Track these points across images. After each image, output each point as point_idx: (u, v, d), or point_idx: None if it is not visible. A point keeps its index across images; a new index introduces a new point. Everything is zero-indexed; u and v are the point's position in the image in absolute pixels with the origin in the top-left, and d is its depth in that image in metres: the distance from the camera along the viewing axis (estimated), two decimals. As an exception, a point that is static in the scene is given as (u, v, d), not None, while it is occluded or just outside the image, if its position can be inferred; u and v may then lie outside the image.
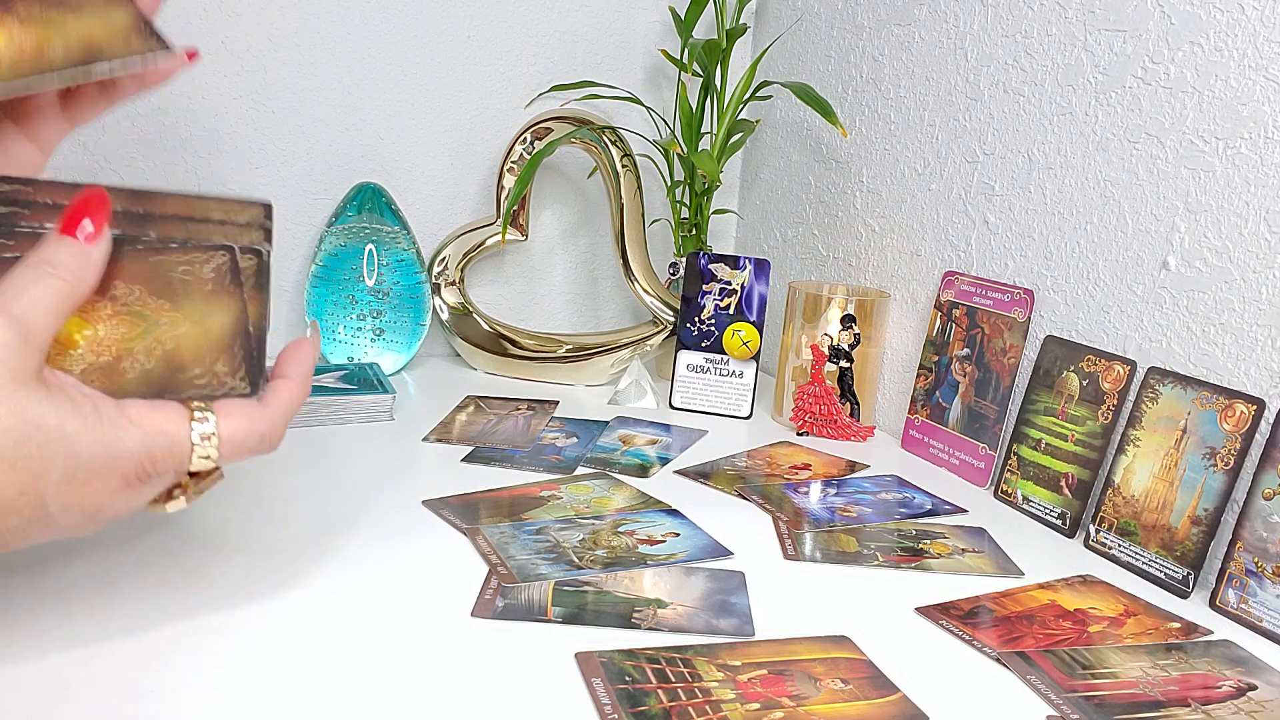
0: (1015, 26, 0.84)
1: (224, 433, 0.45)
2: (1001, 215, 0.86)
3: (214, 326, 0.46)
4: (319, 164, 1.09)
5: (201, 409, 0.45)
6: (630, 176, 1.09)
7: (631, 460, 0.85)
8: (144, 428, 0.43)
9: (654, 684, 0.50)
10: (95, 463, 0.41)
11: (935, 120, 0.93)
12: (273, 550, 0.63)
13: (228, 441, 0.45)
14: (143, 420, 0.43)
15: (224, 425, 0.45)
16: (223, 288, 0.47)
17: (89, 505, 0.42)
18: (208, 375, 0.46)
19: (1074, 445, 0.76)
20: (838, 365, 0.96)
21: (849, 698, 0.50)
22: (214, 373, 0.46)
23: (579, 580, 0.61)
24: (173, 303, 0.46)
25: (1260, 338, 0.65)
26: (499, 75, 1.14)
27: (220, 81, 1.03)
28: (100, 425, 0.41)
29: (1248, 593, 0.62)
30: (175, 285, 0.46)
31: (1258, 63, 0.65)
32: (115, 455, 0.42)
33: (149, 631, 0.52)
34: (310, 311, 1.06)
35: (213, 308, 0.46)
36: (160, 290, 0.46)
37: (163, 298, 0.46)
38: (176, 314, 0.46)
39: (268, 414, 0.47)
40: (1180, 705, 0.51)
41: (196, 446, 0.44)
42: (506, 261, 1.20)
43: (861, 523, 0.74)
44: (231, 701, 0.47)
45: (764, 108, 1.20)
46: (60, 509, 0.41)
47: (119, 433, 0.42)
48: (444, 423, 0.92)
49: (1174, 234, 0.71)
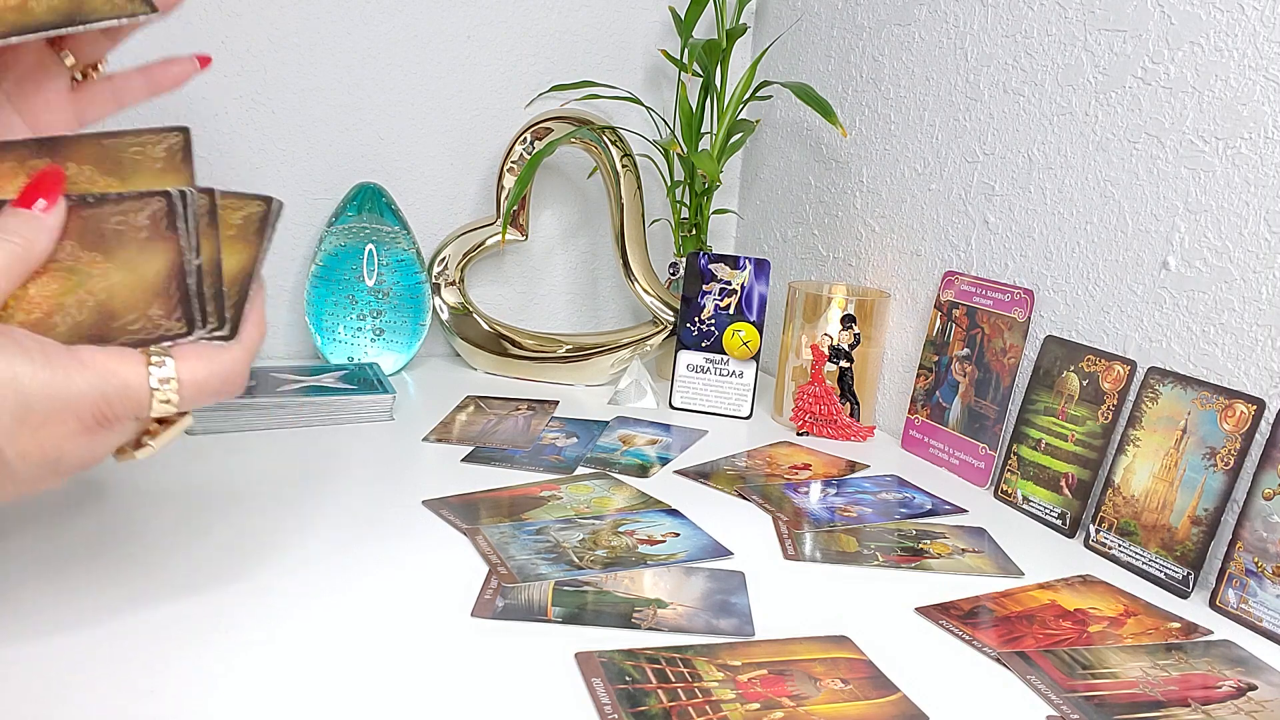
0: (1015, 26, 0.84)
1: (184, 376, 0.44)
2: (1001, 215, 0.86)
3: (148, 272, 0.45)
4: (319, 164, 1.09)
5: (159, 353, 0.44)
6: (630, 176, 1.09)
7: (631, 460, 0.85)
8: (96, 369, 0.42)
9: (654, 684, 0.50)
10: (46, 405, 0.41)
11: (935, 120, 0.93)
12: (273, 550, 0.63)
13: (189, 385, 0.44)
14: (94, 362, 0.42)
15: (183, 369, 0.44)
16: (158, 233, 0.46)
17: (48, 451, 0.42)
18: (141, 320, 0.45)
19: (1074, 445, 0.76)
20: (838, 365, 0.96)
21: (849, 698, 0.50)
22: (148, 317, 0.45)
23: (579, 580, 0.61)
24: (105, 254, 0.45)
25: (1260, 338, 0.65)
26: (499, 75, 1.14)
27: (220, 81, 1.03)
28: (49, 368, 0.41)
29: (1248, 593, 0.62)
30: (108, 236, 0.45)
31: (1258, 63, 0.65)
32: (67, 397, 0.41)
33: (149, 631, 0.52)
34: (310, 312, 1.06)
35: (147, 254, 0.46)
36: (93, 244, 0.45)
37: (95, 250, 0.45)
38: (109, 264, 0.45)
39: (228, 355, 0.46)
40: (1180, 705, 0.51)
41: (156, 391, 0.43)
42: (506, 261, 1.20)
43: (861, 523, 0.74)
44: (232, 701, 0.47)
45: (764, 108, 1.20)
46: (16, 455, 0.41)
47: (69, 374, 0.41)
48: (444, 423, 0.92)
49: (1174, 234, 0.71)
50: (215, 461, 0.78)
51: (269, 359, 1.10)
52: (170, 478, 0.74)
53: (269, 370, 0.96)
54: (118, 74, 0.55)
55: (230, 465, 0.77)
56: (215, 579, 0.58)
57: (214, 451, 0.80)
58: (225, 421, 0.85)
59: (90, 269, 0.45)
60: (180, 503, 0.69)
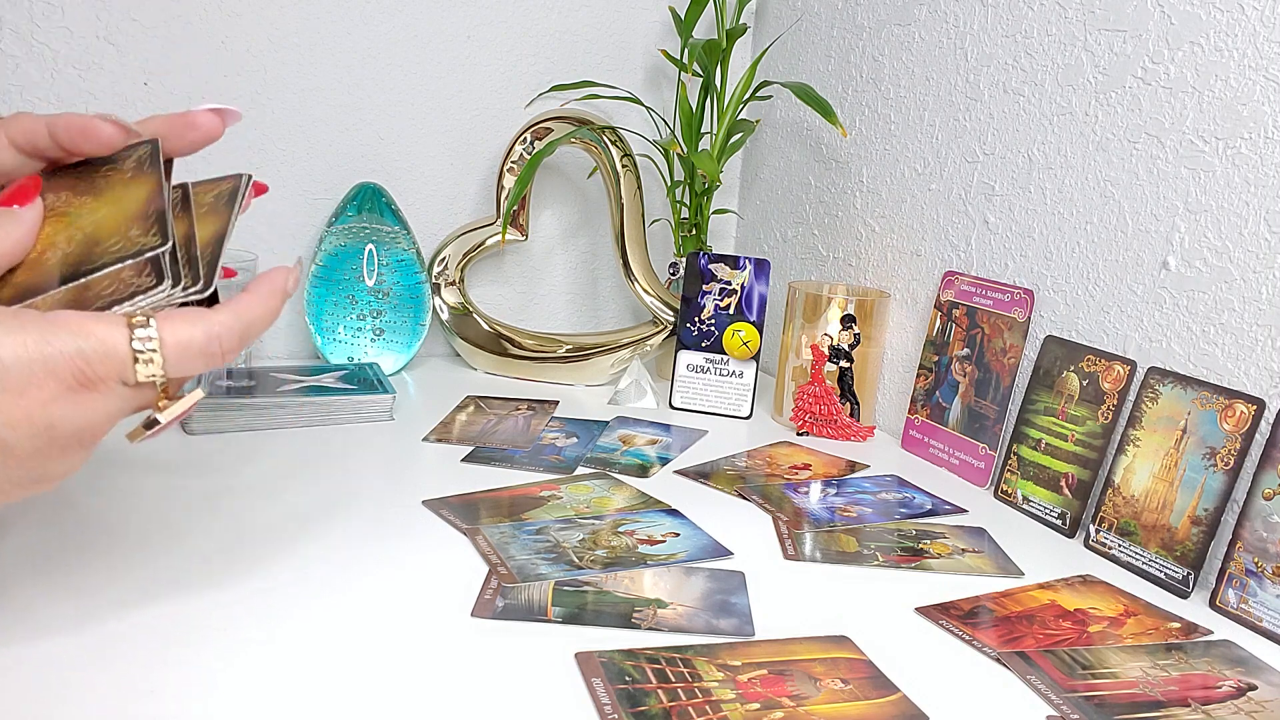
0: (1015, 26, 0.84)
1: (167, 338, 0.43)
2: (1001, 215, 0.86)
3: (131, 202, 0.47)
4: (319, 164, 1.09)
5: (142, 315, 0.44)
6: (630, 176, 1.09)
7: (631, 460, 0.85)
8: (71, 329, 0.42)
9: (654, 684, 0.50)
10: (23, 367, 0.40)
11: (935, 120, 0.93)
12: (273, 550, 0.63)
13: (172, 346, 0.44)
14: (70, 322, 0.42)
15: (166, 330, 0.44)
16: (141, 172, 0.48)
17: (36, 418, 0.41)
18: (122, 241, 0.46)
19: (1074, 445, 0.76)
20: (838, 365, 0.96)
21: (849, 698, 0.50)
22: (128, 237, 0.46)
23: (579, 580, 0.61)
24: (95, 196, 0.48)
25: (1260, 338, 0.65)
26: (499, 75, 1.14)
27: (220, 81, 1.03)
28: (23, 331, 0.41)
29: (1248, 593, 0.62)
30: (99, 183, 0.48)
31: (1258, 63, 0.65)
32: (44, 356, 0.41)
33: (149, 631, 0.52)
34: (310, 312, 1.06)
35: (131, 188, 0.48)
36: (84, 190, 0.48)
37: (86, 195, 0.48)
38: (97, 202, 0.48)
39: (216, 319, 0.45)
40: (1180, 705, 0.51)
41: (140, 354, 0.43)
42: (506, 261, 1.20)
43: (861, 523, 0.74)
44: (232, 701, 0.47)
45: (764, 108, 1.20)
46: (5, 424, 0.41)
47: (44, 335, 0.41)
48: (444, 423, 0.92)
49: (1174, 234, 0.71)
50: (215, 461, 0.78)
51: (269, 359, 1.11)
52: (170, 477, 0.74)
53: (269, 370, 0.96)
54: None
55: (230, 465, 0.77)
56: (215, 579, 0.58)
57: (214, 451, 0.80)
58: (225, 421, 0.85)
59: (80, 210, 0.47)
60: (180, 502, 0.69)
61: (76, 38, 0.98)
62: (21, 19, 0.96)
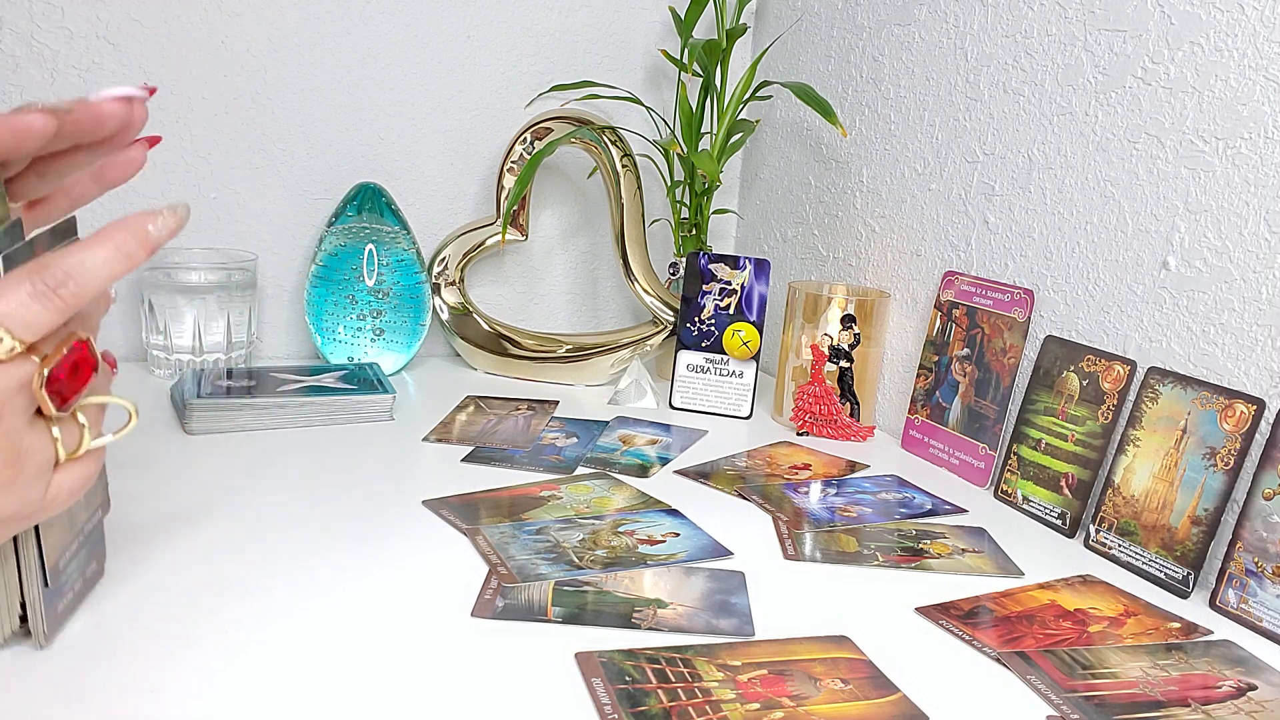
0: (1015, 26, 0.84)
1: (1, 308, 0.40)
2: (1001, 215, 0.86)
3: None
4: (319, 164, 1.09)
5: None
6: (630, 176, 1.09)
7: (631, 460, 0.85)
8: None
9: (654, 684, 0.50)
10: None
11: (935, 120, 0.93)
12: (272, 550, 0.63)
13: (9, 317, 0.39)
14: None
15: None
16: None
17: None
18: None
19: (1074, 445, 0.76)
20: (838, 365, 0.96)
21: (849, 698, 0.50)
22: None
23: (579, 580, 0.61)
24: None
25: (1260, 338, 0.65)
26: (499, 75, 1.14)
27: (220, 81, 1.03)
28: None
29: (1248, 593, 0.62)
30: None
31: (1258, 63, 0.65)
32: None
33: (148, 631, 0.52)
34: (310, 312, 1.06)
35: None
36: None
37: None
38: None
39: (37, 262, 0.41)
40: (1180, 705, 0.51)
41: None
42: (506, 261, 1.20)
43: (861, 523, 0.74)
44: (231, 701, 0.47)
45: (764, 108, 1.20)
46: None
47: None
48: (444, 423, 0.92)
49: (1174, 234, 0.71)
50: (215, 461, 0.78)
51: (269, 359, 1.11)
52: (169, 478, 0.74)
53: (269, 370, 0.96)
54: (68, 180, 0.53)
55: (230, 465, 0.77)
56: (215, 579, 0.58)
57: (214, 451, 0.80)
58: (225, 421, 0.85)
59: None
60: (179, 502, 0.69)
61: (76, 38, 0.98)
62: (21, 19, 0.96)
